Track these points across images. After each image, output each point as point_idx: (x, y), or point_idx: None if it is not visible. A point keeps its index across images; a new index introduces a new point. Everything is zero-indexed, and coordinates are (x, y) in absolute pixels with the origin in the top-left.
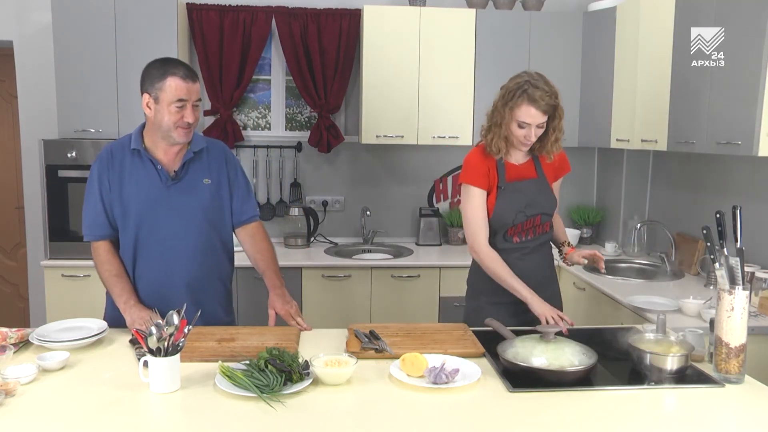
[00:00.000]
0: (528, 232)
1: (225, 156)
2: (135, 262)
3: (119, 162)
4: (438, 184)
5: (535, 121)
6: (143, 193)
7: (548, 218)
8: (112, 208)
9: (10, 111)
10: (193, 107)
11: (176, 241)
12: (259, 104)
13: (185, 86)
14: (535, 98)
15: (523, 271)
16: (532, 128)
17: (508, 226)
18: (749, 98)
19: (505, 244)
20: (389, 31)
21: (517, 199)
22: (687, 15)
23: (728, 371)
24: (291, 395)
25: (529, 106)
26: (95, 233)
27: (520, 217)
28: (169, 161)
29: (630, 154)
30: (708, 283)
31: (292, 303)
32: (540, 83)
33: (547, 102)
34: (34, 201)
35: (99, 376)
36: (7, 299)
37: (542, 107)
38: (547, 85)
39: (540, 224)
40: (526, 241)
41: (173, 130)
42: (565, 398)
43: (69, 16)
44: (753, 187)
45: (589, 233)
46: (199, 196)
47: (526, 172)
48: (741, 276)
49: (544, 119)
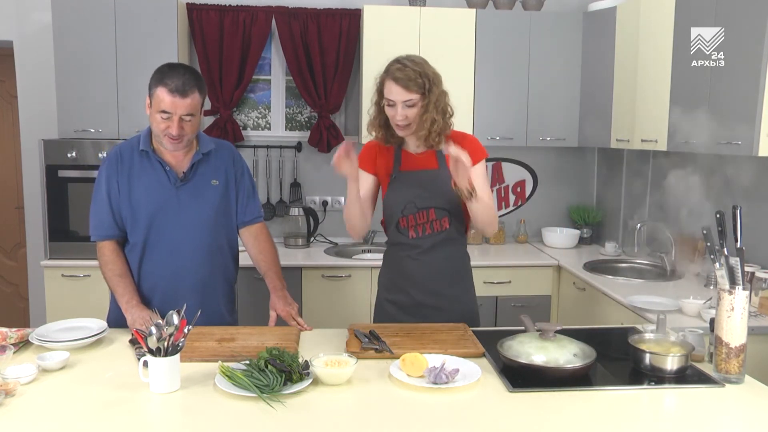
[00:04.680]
0: (423, 227)
1: (232, 157)
2: (142, 262)
3: (128, 163)
4: None
5: (398, 98)
6: (153, 194)
7: (445, 214)
8: (120, 209)
9: (10, 111)
10: (181, 121)
11: (185, 242)
12: (259, 104)
13: (171, 100)
14: (396, 75)
15: (413, 273)
16: (398, 106)
17: (398, 216)
18: (749, 98)
19: (399, 237)
20: (389, 31)
21: (407, 189)
22: (687, 15)
23: (728, 371)
24: (291, 395)
25: (391, 82)
26: (101, 233)
27: (410, 209)
28: (178, 162)
29: (630, 154)
30: (708, 283)
31: (294, 305)
32: (406, 62)
33: (407, 76)
34: (34, 201)
35: (99, 376)
36: (7, 299)
37: (402, 82)
38: (414, 63)
39: (436, 219)
40: (421, 238)
41: (162, 138)
42: (565, 398)
43: (69, 16)
44: (753, 187)
45: (589, 233)
46: (207, 197)
47: (425, 162)
48: (741, 276)
49: (410, 96)
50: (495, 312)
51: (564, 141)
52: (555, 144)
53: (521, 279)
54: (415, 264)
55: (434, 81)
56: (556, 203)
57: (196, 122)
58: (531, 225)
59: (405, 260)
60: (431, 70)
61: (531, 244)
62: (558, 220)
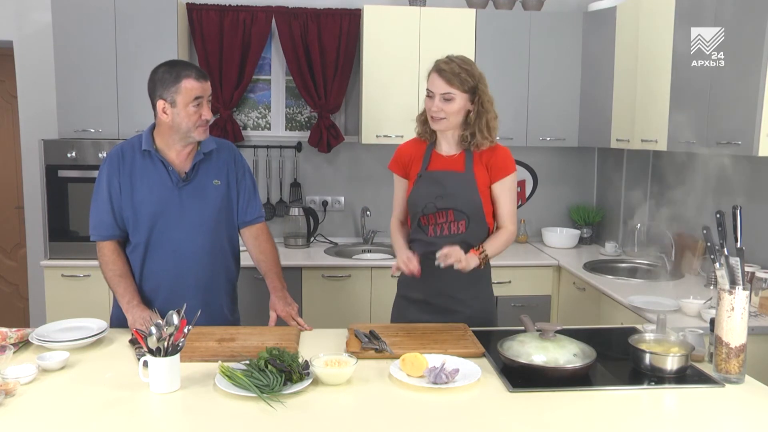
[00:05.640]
0: (442, 227)
1: (234, 156)
2: (145, 262)
3: (130, 163)
4: None
5: (438, 89)
6: (155, 194)
7: (463, 217)
8: (121, 209)
9: (10, 111)
10: (207, 104)
11: (187, 242)
12: (259, 104)
13: (200, 85)
14: (441, 67)
15: (429, 273)
16: (436, 98)
17: (419, 215)
18: (749, 98)
19: (419, 233)
20: (389, 31)
21: (430, 187)
22: (687, 15)
23: (728, 371)
24: (291, 395)
25: (434, 74)
26: (101, 233)
27: (430, 208)
28: (181, 162)
29: (630, 154)
30: (708, 283)
31: (294, 305)
32: (455, 57)
33: (451, 71)
34: (34, 201)
35: (99, 376)
36: (7, 299)
37: (445, 76)
38: (462, 61)
39: (454, 221)
40: (438, 237)
41: (193, 131)
42: (565, 398)
43: (69, 16)
44: (753, 187)
45: (589, 233)
46: (209, 197)
47: (453, 164)
48: (741, 276)
49: (449, 89)
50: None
51: (564, 141)
52: (555, 144)
53: (521, 279)
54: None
55: (480, 81)
56: (556, 203)
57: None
58: (531, 225)
59: (422, 259)
60: (478, 72)
61: (531, 244)
62: (558, 220)
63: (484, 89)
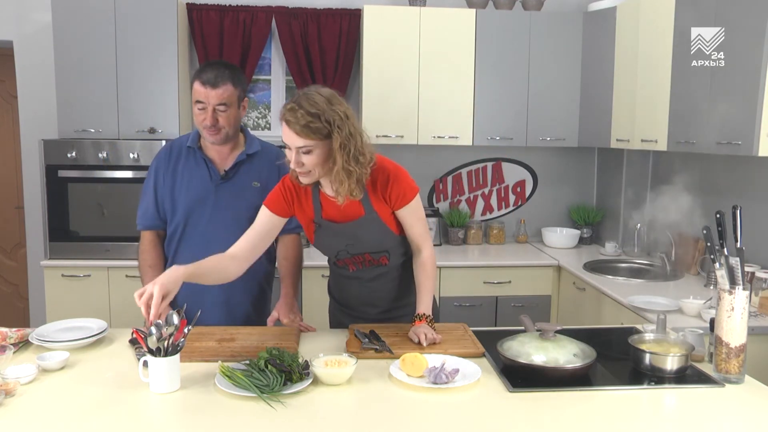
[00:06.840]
0: (363, 264)
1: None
2: (176, 253)
3: (176, 158)
4: (438, 184)
5: (292, 143)
6: (192, 189)
7: (382, 254)
8: (163, 201)
9: (10, 111)
10: (215, 112)
11: (217, 239)
12: (259, 104)
13: (203, 91)
14: (287, 118)
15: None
16: (293, 152)
17: (333, 259)
18: (749, 98)
19: (340, 269)
20: (389, 31)
21: (335, 238)
22: (687, 15)
23: (728, 371)
24: (291, 395)
25: (284, 125)
26: (144, 223)
27: (343, 254)
28: (221, 160)
29: (630, 154)
30: (708, 283)
31: (298, 315)
32: (302, 102)
33: (298, 122)
34: (34, 201)
35: (99, 376)
36: (7, 299)
37: (295, 129)
38: (310, 104)
39: (372, 259)
40: (362, 270)
41: (202, 131)
42: (565, 398)
43: (69, 16)
44: (753, 187)
45: (589, 233)
46: (246, 197)
47: (349, 210)
48: (741, 276)
49: (305, 142)
50: (495, 312)
51: (564, 141)
52: (555, 144)
53: (521, 279)
54: (362, 288)
55: (336, 118)
56: (556, 203)
57: (231, 115)
58: (531, 225)
59: (352, 283)
60: (331, 109)
61: (531, 244)
62: (558, 220)
63: (342, 124)
